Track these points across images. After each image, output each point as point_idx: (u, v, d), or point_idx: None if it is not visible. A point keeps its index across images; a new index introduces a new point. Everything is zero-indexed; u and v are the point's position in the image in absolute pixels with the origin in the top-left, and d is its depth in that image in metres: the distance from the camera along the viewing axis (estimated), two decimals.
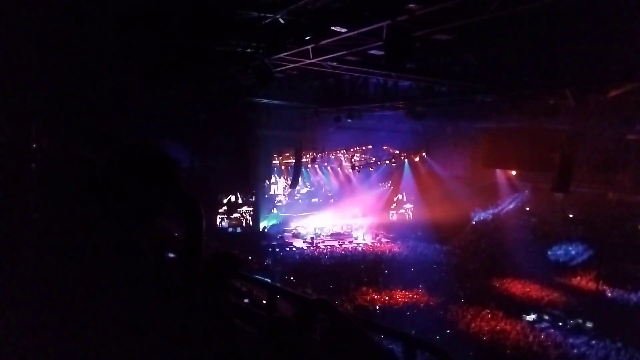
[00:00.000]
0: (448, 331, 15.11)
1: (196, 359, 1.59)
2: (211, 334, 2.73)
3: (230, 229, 24.64)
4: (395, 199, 30.28)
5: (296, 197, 28.63)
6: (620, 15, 8.17)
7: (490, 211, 27.25)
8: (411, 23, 7.05)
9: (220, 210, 24.26)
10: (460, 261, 23.07)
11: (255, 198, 25.60)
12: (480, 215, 27.36)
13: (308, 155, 26.26)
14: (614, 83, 9.57)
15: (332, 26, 8.01)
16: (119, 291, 1.55)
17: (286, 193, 28.15)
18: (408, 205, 30.15)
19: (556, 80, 10.18)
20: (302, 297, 6.43)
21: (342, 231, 28.08)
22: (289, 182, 27.16)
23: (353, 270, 20.82)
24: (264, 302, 7.94)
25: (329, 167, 29.09)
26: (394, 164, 26.86)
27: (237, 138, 21.69)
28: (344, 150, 26.23)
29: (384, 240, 27.58)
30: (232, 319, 3.50)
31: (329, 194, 29.60)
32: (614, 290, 18.20)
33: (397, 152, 26.21)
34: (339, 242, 26.38)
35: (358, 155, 25.90)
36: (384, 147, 26.27)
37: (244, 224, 25.20)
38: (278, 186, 28.00)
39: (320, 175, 29.33)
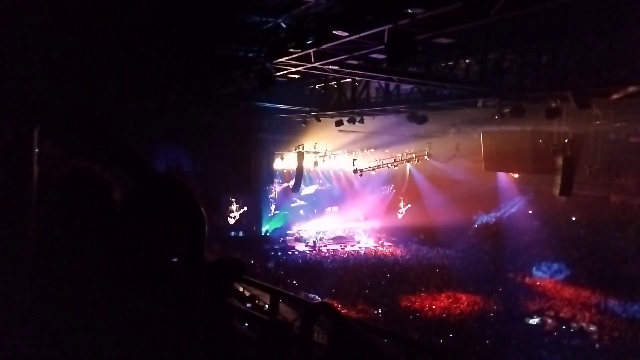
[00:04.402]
0: (450, 335, 15.05)
1: None
2: (214, 337, 2.73)
3: (233, 233, 24.62)
4: (397, 202, 30.24)
5: (293, 205, 27.94)
6: (622, 18, 8.17)
7: (493, 214, 27.19)
8: (413, 27, 7.05)
9: (222, 214, 24.26)
10: (463, 264, 23.01)
11: (257, 202, 25.59)
12: (482, 219, 27.31)
13: (310, 159, 26.21)
14: (616, 86, 9.55)
15: (334, 30, 8.02)
16: (128, 297, 1.55)
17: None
18: (410, 209, 30.10)
19: (558, 83, 10.17)
20: (304, 301, 6.43)
21: (344, 235, 28.02)
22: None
23: (355, 274, 20.78)
24: (267, 306, 7.93)
25: (331, 171, 29.05)
26: (396, 168, 26.85)
27: (239, 142, 21.71)
28: (346, 154, 26.21)
29: (386, 243, 27.52)
30: (234, 323, 3.49)
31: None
32: (617, 293, 18.11)
33: (399, 155, 26.21)
34: (341, 245, 26.32)
35: (360, 158, 25.87)
36: (386, 151, 26.27)
37: (246, 228, 25.17)
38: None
39: (323, 180, 29.27)
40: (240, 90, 13.97)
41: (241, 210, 24.81)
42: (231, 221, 24.60)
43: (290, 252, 24.48)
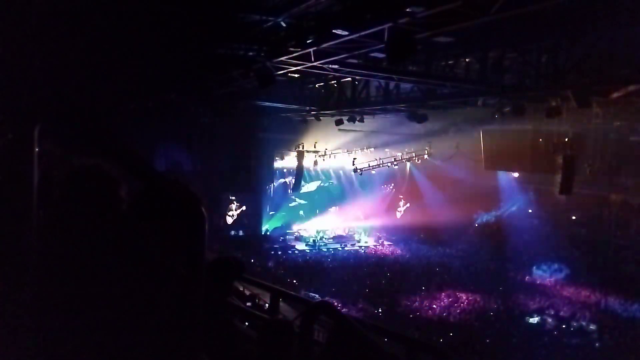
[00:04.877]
0: (451, 334, 15.07)
1: None
2: (214, 336, 2.73)
3: (233, 232, 24.62)
4: (397, 201, 30.25)
5: (293, 204, 27.78)
6: (622, 17, 8.16)
7: (493, 213, 27.19)
8: (412, 25, 7.05)
9: (222, 213, 24.25)
10: (463, 263, 23.01)
11: (257, 201, 25.59)
12: (483, 218, 27.31)
13: (310, 158, 26.19)
14: (617, 85, 9.56)
15: (334, 29, 8.02)
16: (129, 296, 1.55)
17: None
18: (410, 208, 30.08)
19: (558, 82, 10.17)
20: (304, 300, 6.44)
21: (344, 234, 28.02)
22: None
23: (355, 273, 20.78)
24: (267, 304, 7.94)
25: (331, 170, 29.03)
26: (396, 167, 26.84)
27: (239, 141, 21.71)
28: (346, 153, 26.18)
29: (386, 243, 27.50)
30: (234, 322, 3.49)
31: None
32: (617, 292, 18.12)
33: (399, 154, 26.20)
34: (341, 245, 26.32)
35: (360, 157, 25.85)
36: (386, 150, 26.25)
37: (246, 227, 25.16)
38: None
39: (323, 178, 29.25)
40: (241, 90, 13.96)
41: (239, 210, 24.77)
42: (229, 220, 24.57)
43: (290, 251, 24.46)
